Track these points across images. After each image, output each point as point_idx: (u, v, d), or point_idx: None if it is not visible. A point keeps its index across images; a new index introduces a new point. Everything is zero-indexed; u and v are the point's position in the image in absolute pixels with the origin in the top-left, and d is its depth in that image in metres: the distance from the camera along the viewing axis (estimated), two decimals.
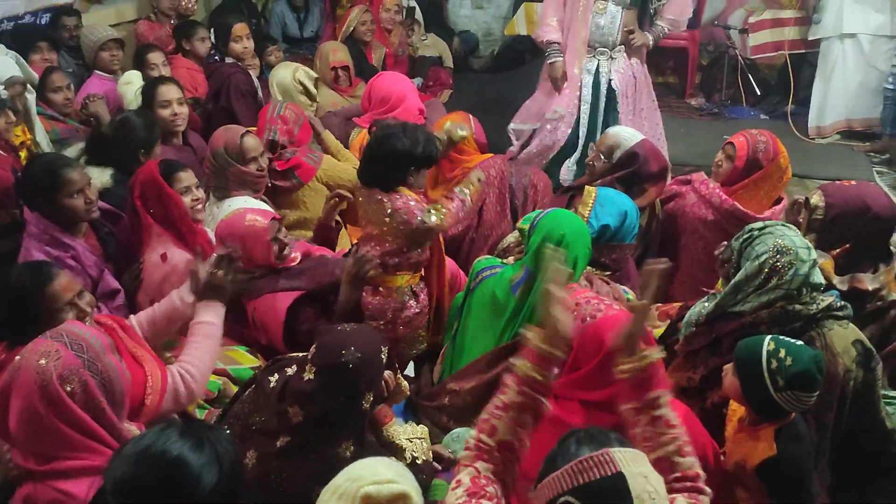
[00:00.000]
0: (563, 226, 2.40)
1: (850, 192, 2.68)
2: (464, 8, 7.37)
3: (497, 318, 2.47)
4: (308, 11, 6.54)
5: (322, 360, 1.89)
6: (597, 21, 4.04)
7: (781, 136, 5.42)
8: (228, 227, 2.70)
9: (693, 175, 3.27)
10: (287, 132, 3.45)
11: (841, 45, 5.43)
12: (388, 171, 2.73)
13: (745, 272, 2.23)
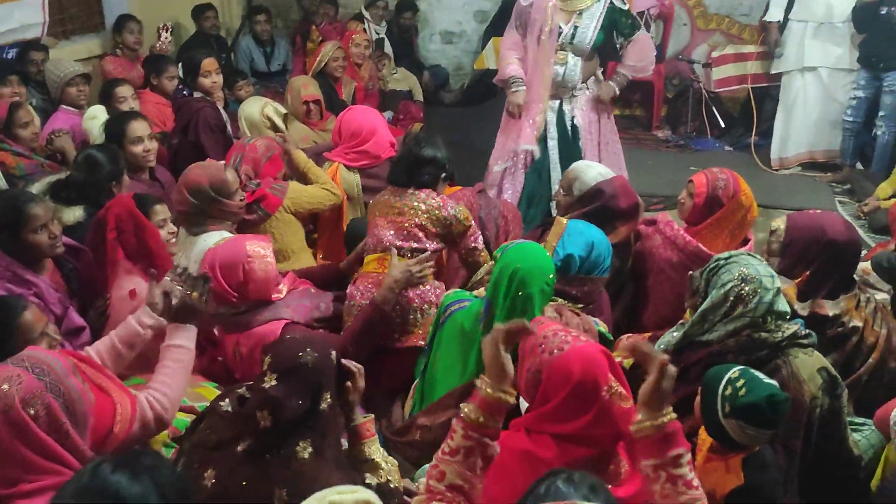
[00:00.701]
0: (521, 259, 2.39)
1: (810, 218, 2.75)
2: (433, 42, 7.46)
3: (466, 351, 2.47)
4: (274, 46, 6.59)
5: (281, 364, 1.90)
6: (556, 69, 4.08)
7: (745, 168, 5.63)
8: (228, 255, 2.67)
9: (658, 216, 3.26)
10: (253, 161, 3.46)
11: (802, 78, 5.57)
12: (428, 172, 3.05)
13: (712, 300, 2.27)
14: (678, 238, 3.09)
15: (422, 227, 2.98)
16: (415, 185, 3.05)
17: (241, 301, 2.71)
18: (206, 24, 6.16)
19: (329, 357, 1.95)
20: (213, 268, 2.65)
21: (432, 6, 7.29)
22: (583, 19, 3.99)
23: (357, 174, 3.81)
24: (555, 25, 3.98)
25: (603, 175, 3.27)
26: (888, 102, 5.13)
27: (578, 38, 4.00)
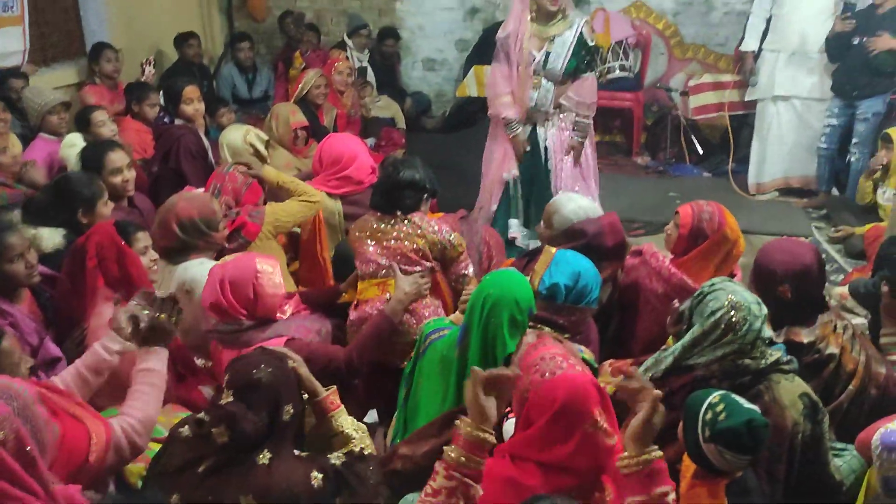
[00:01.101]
0: (494, 286, 2.38)
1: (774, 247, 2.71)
2: (416, 70, 7.52)
3: (447, 379, 2.45)
4: (256, 72, 6.61)
5: (236, 382, 1.92)
6: (531, 94, 4.17)
7: (723, 193, 5.69)
8: (237, 272, 2.63)
9: (644, 247, 3.22)
10: (233, 190, 3.45)
11: (775, 106, 5.67)
12: (409, 196, 3.07)
13: (703, 328, 2.27)
14: (663, 270, 3.07)
15: (418, 251, 3.02)
16: (399, 209, 3.08)
17: (248, 318, 2.67)
18: (189, 52, 6.18)
19: (286, 371, 1.98)
20: (223, 283, 2.61)
21: (414, 34, 7.36)
22: (555, 46, 4.09)
23: (339, 201, 3.81)
24: (528, 52, 4.09)
25: (583, 208, 3.25)
26: (861, 130, 5.22)
27: (550, 63, 4.10)
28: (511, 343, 2.36)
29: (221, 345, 2.70)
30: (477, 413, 1.70)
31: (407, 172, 3.09)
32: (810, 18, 5.36)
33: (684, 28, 6.87)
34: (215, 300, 2.62)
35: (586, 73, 4.22)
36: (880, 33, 4.93)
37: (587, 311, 2.70)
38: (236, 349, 2.63)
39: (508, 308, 2.34)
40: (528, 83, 4.13)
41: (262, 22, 7.44)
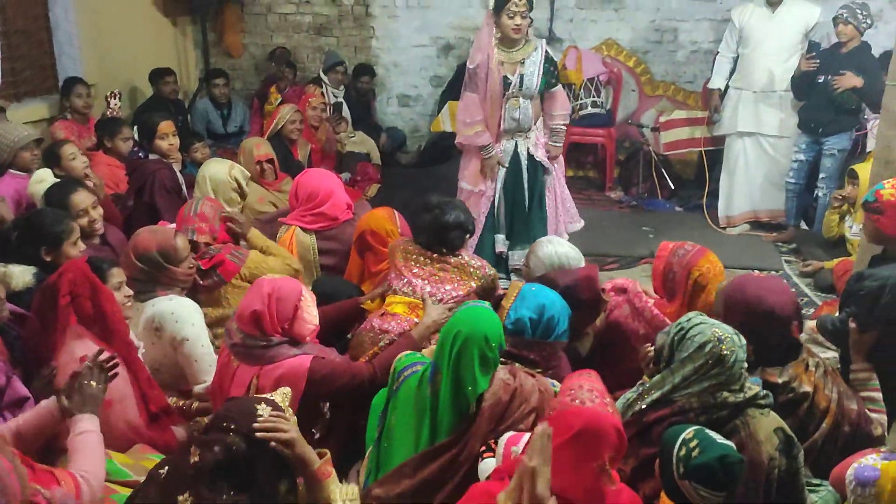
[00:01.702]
0: (463, 322, 2.38)
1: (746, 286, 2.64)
2: (391, 105, 7.58)
3: (421, 417, 2.43)
4: (231, 108, 6.62)
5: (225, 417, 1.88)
6: (511, 115, 4.49)
7: (696, 227, 5.76)
8: (285, 290, 2.65)
9: (629, 285, 3.20)
10: (209, 229, 3.42)
11: (742, 141, 5.78)
12: (457, 236, 3.30)
13: (694, 365, 2.26)
14: (646, 311, 3.07)
15: (465, 286, 3.26)
16: (447, 248, 3.31)
17: (281, 335, 2.68)
18: (165, 89, 6.17)
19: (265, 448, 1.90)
20: (270, 296, 2.62)
21: (389, 71, 7.43)
22: (526, 67, 4.42)
23: (313, 236, 3.80)
24: (500, 78, 4.40)
25: (558, 254, 3.25)
26: (828, 165, 5.34)
27: (526, 84, 4.44)
28: (483, 380, 2.35)
29: (240, 359, 2.66)
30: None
31: (454, 214, 3.29)
32: (775, 58, 5.49)
33: (654, 66, 7.02)
34: (259, 309, 2.62)
35: (554, 88, 4.63)
36: (843, 72, 5.07)
37: (557, 346, 2.70)
38: (257, 365, 2.63)
39: (478, 345, 2.34)
40: (500, 105, 4.46)
41: (238, 58, 7.48)
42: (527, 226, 4.69)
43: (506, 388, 2.38)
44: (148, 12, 6.65)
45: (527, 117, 4.51)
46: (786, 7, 5.47)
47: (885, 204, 2.92)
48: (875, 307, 2.87)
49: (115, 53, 6.07)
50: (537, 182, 4.67)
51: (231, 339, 2.69)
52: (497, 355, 2.41)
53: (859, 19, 5.03)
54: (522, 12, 4.30)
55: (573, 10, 7.00)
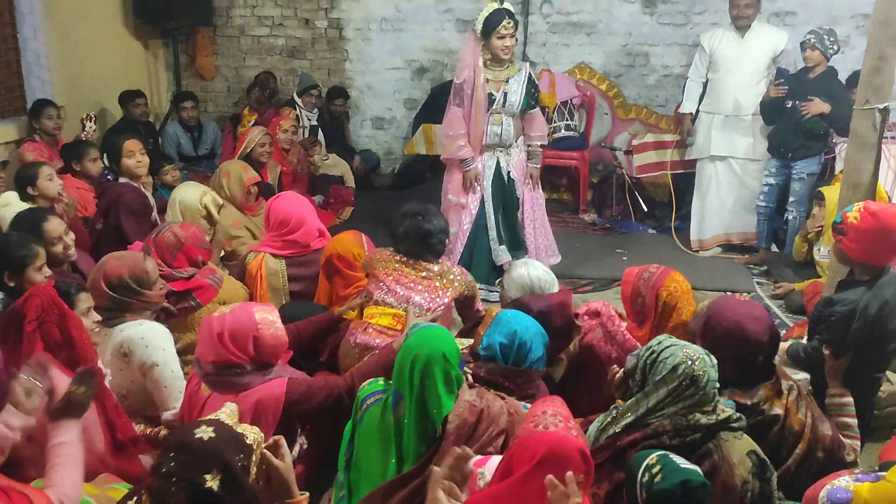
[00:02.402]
0: (420, 345, 2.37)
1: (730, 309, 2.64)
2: (365, 128, 7.58)
3: (386, 445, 2.41)
4: (201, 130, 6.58)
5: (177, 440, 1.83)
6: (493, 130, 4.75)
7: (668, 250, 5.79)
8: (235, 325, 2.56)
9: (602, 308, 3.20)
10: (161, 257, 3.35)
11: (713, 165, 5.84)
12: (438, 242, 3.40)
13: (668, 387, 2.25)
14: (618, 334, 3.07)
15: (445, 292, 3.33)
16: (431, 254, 3.40)
17: (251, 363, 2.62)
18: (136, 112, 6.11)
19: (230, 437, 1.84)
20: (222, 335, 2.55)
21: (363, 93, 7.44)
22: (510, 86, 4.70)
23: (283, 262, 3.77)
24: (485, 95, 4.66)
25: (530, 276, 3.25)
26: (797, 189, 5.41)
27: (509, 102, 4.71)
28: (448, 401, 2.34)
29: (213, 388, 2.61)
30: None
31: (435, 221, 3.41)
32: (744, 82, 5.57)
33: (626, 89, 7.10)
34: (216, 355, 2.55)
35: (534, 110, 4.90)
36: (811, 98, 5.15)
37: (533, 374, 2.68)
38: (231, 393, 2.57)
39: (439, 365, 2.33)
40: (484, 120, 4.71)
41: (211, 80, 7.45)
42: (513, 235, 4.96)
43: (472, 410, 2.36)
44: (119, 34, 6.61)
45: (508, 133, 4.77)
46: (754, 32, 5.57)
47: (848, 227, 2.94)
48: (847, 332, 2.89)
49: (85, 75, 6.02)
50: (514, 197, 4.94)
51: (202, 369, 2.64)
52: (459, 373, 2.39)
53: (826, 45, 5.13)
54: (511, 34, 4.59)
55: (546, 35, 7.08)
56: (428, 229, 3.35)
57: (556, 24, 7.04)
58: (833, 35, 5.17)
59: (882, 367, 3.12)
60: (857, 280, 3.04)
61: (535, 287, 3.23)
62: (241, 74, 7.38)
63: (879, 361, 3.09)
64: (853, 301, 2.94)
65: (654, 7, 6.85)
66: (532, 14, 6.98)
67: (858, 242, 2.91)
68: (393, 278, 3.29)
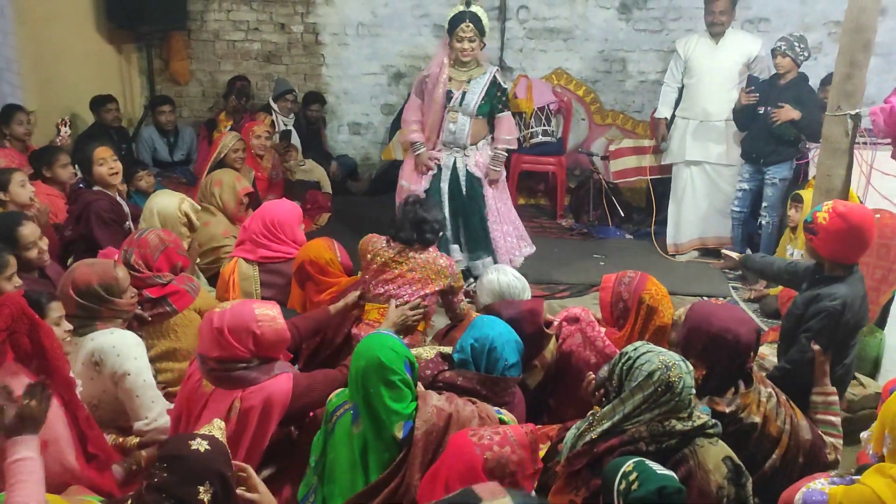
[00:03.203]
0: (361, 356, 2.41)
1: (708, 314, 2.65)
2: (341, 133, 7.55)
3: (357, 455, 2.42)
4: (178, 135, 6.50)
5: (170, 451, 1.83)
6: (449, 127, 4.87)
7: (645, 255, 5.82)
8: (235, 321, 2.58)
9: (581, 314, 3.23)
10: (144, 256, 3.33)
11: (688, 170, 5.89)
12: (429, 231, 3.50)
13: (644, 393, 2.24)
14: (597, 340, 3.09)
15: (427, 282, 3.43)
16: (420, 242, 3.50)
17: (254, 357, 2.64)
18: (107, 117, 6.02)
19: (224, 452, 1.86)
20: (221, 330, 2.58)
21: (340, 99, 7.41)
22: (471, 86, 4.82)
23: (256, 268, 3.74)
24: (444, 92, 4.80)
25: (500, 282, 3.26)
26: (770, 194, 5.46)
27: (466, 101, 4.82)
28: (398, 405, 2.36)
29: (219, 384, 2.62)
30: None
31: (431, 212, 3.56)
32: (718, 89, 5.62)
33: (603, 95, 7.14)
34: (221, 352, 2.58)
35: (503, 113, 4.96)
36: (781, 105, 5.21)
37: (508, 381, 2.68)
38: (238, 388, 2.59)
39: (377, 373, 2.35)
40: (441, 116, 4.86)
41: (185, 85, 7.38)
42: (474, 236, 4.99)
43: (440, 415, 2.38)
44: (91, 38, 6.51)
45: (462, 133, 4.86)
46: (728, 39, 5.63)
47: (818, 226, 3.04)
48: (838, 326, 2.94)
49: (56, 79, 5.93)
50: (476, 196, 4.96)
51: (205, 364, 2.65)
52: (406, 376, 2.40)
53: (797, 51, 5.19)
54: (470, 37, 4.70)
55: (523, 41, 7.10)
56: (423, 217, 3.47)
57: (532, 30, 7.07)
58: (804, 42, 5.24)
59: (842, 361, 3.15)
60: (833, 276, 3.11)
61: (504, 293, 3.26)
62: (217, 79, 7.31)
63: (843, 355, 3.12)
64: (842, 295, 3.00)
65: (630, 13, 6.89)
66: (509, 20, 7.00)
67: (828, 242, 3.02)
68: (382, 273, 3.43)
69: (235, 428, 2.59)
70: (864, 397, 3.69)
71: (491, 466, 1.80)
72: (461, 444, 1.89)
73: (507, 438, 1.86)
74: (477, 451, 1.83)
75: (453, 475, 1.84)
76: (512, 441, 1.86)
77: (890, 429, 2.08)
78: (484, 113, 4.89)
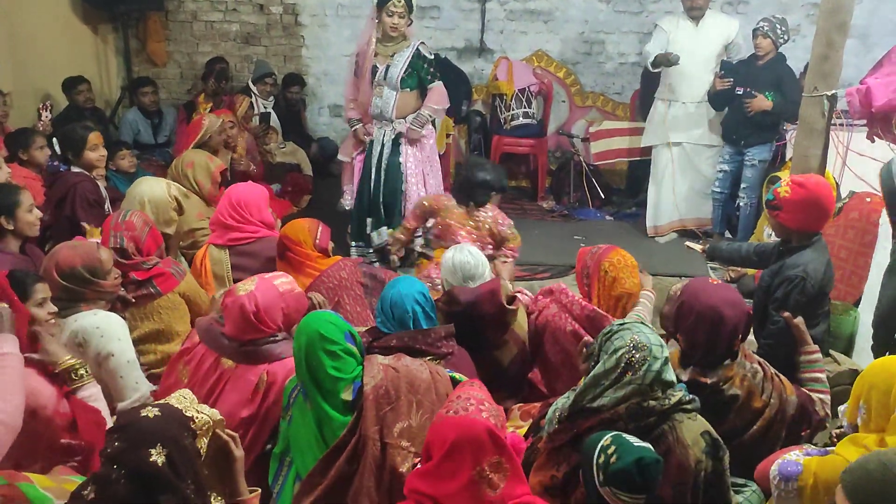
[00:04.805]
0: (298, 336, 2.50)
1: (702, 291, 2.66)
2: (322, 116, 7.51)
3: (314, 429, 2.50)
4: (161, 117, 6.43)
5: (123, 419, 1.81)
6: (375, 101, 4.99)
7: (626, 236, 5.87)
8: (265, 300, 2.72)
9: (555, 287, 3.29)
10: (133, 238, 3.32)
11: (669, 151, 5.93)
12: (480, 193, 4.21)
13: (604, 365, 2.28)
14: (573, 305, 3.14)
15: (484, 236, 4.21)
16: (474, 203, 4.24)
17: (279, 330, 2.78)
18: (79, 98, 5.92)
19: (177, 417, 1.81)
20: (258, 313, 2.70)
21: (320, 81, 7.37)
22: (394, 60, 4.91)
23: (226, 252, 3.74)
24: (370, 66, 4.93)
25: (455, 261, 3.31)
26: (749, 175, 5.51)
27: (389, 74, 4.92)
28: (342, 373, 2.44)
29: (243, 360, 2.72)
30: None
31: (480, 174, 4.17)
32: (698, 70, 5.65)
33: (583, 77, 7.15)
34: (256, 334, 2.71)
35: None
36: (755, 93, 5.23)
37: (434, 331, 2.82)
38: (264, 363, 2.70)
39: (318, 345, 2.44)
40: (369, 91, 4.99)
41: (163, 67, 7.29)
42: (380, 208, 5.09)
43: (386, 371, 2.47)
44: (66, 18, 6.42)
45: (387, 106, 4.96)
46: (708, 21, 5.65)
47: (782, 201, 3.15)
48: (805, 293, 3.04)
49: (31, 61, 5.84)
50: (392, 167, 5.04)
51: (233, 343, 2.73)
52: (346, 345, 2.48)
53: (778, 33, 5.23)
54: (400, 13, 4.81)
55: (504, 22, 7.09)
56: (473, 180, 4.16)
57: (513, 12, 7.05)
58: (785, 24, 5.27)
59: (813, 328, 3.19)
60: (799, 245, 3.20)
61: (457, 271, 3.31)
62: (195, 61, 7.23)
63: (813, 322, 3.19)
64: (804, 261, 3.09)
65: None
66: (489, 1, 6.98)
67: (793, 213, 3.14)
68: (448, 227, 4.19)
69: (263, 399, 2.68)
70: (839, 374, 3.76)
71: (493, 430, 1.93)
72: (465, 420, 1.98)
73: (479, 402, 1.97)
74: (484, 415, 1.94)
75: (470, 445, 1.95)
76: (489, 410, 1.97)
77: (864, 399, 2.14)
78: (410, 86, 4.96)
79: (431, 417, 2.39)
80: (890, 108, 3.61)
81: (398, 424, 2.38)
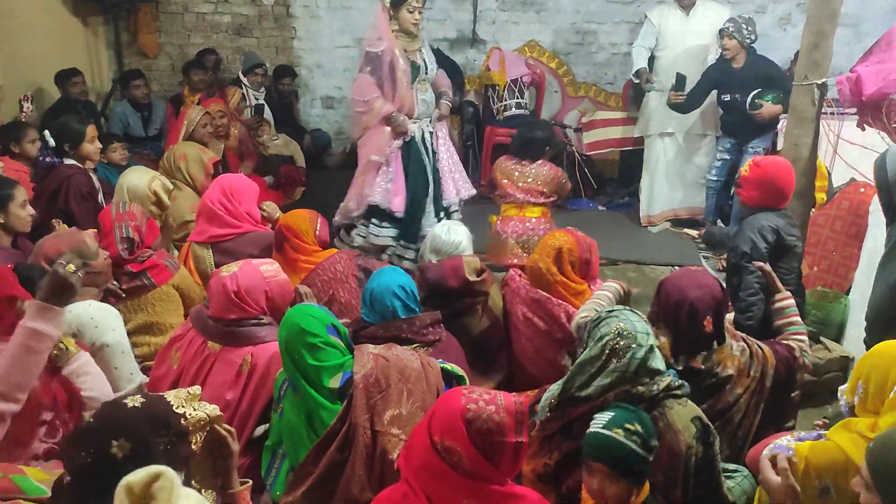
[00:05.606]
0: (280, 331, 2.52)
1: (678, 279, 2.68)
2: (314, 107, 7.49)
3: (305, 421, 2.51)
4: (152, 109, 6.40)
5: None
6: (422, 98, 4.71)
7: (619, 226, 5.88)
8: (248, 282, 2.78)
9: (507, 275, 3.39)
10: (136, 228, 3.35)
11: (661, 141, 5.94)
12: (534, 148, 4.84)
13: (590, 352, 2.31)
14: (521, 289, 3.26)
15: (540, 188, 4.77)
16: (529, 158, 4.80)
17: (263, 313, 2.83)
18: (73, 90, 5.88)
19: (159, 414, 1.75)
20: (238, 292, 2.76)
21: (312, 72, 7.34)
22: (425, 55, 4.72)
23: (209, 249, 3.74)
24: (409, 63, 4.58)
25: (433, 237, 3.45)
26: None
27: (429, 68, 4.73)
28: (327, 364, 2.45)
29: (227, 342, 2.77)
30: None
31: (533, 132, 4.88)
32: (690, 60, 5.65)
33: (575, 67, 7.15)
34: (239, 313, 2.76)
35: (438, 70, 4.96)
36: (761, 102, 5.18)
37: (419, 318, 2.86)
38: (248, 345, 2.75)
39: (299, 339, 2.45)
40: (410, 90, 4.62)
41: (154, 59, 7.26)
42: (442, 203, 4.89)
43: (376, 360, 2.48)
44: (56, 10, 6.37)
45: (432, 101, 4.80)
46: (699, 10, 5.66)
47: (741, 179, 3.35)
48: (766, 242, 3.15)
49: (21, 54, 5.80)
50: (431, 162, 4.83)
51: (217, 325, 2.78)
52: (327, 338, 2.49)
53: (744, 34, 5.20)
54: (420, 8, 4.62)
55: (496, 13, 7.08)
56: (526, 137, 4.84)
57: (505, 2, 7.04)
58: (752, 24, 5.24)
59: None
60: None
61: (435, 247, 3.49)
62: (186, 52, 7.19)
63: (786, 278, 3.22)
64: (757, 218, 3.22)
65: None
66: None
67: (750, 191, 3.29)
68: (507, 181, 4.78)
69: (247, 382, 2.73)
70: (830, 361, 3.80)
71: (470, 418, 1.85)
72: (452, 392, 1.95)
73: (495, 400, 1.92)
74: (463, 400, 1.88)
75: (437, 414, 1.90)
76: (499, 404, 1.91)
77: (864, 378, 2.13)
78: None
79: (422, 406, 2.41)
80: (880, 96, 3.62)
81: (388, 412, 2.39)
